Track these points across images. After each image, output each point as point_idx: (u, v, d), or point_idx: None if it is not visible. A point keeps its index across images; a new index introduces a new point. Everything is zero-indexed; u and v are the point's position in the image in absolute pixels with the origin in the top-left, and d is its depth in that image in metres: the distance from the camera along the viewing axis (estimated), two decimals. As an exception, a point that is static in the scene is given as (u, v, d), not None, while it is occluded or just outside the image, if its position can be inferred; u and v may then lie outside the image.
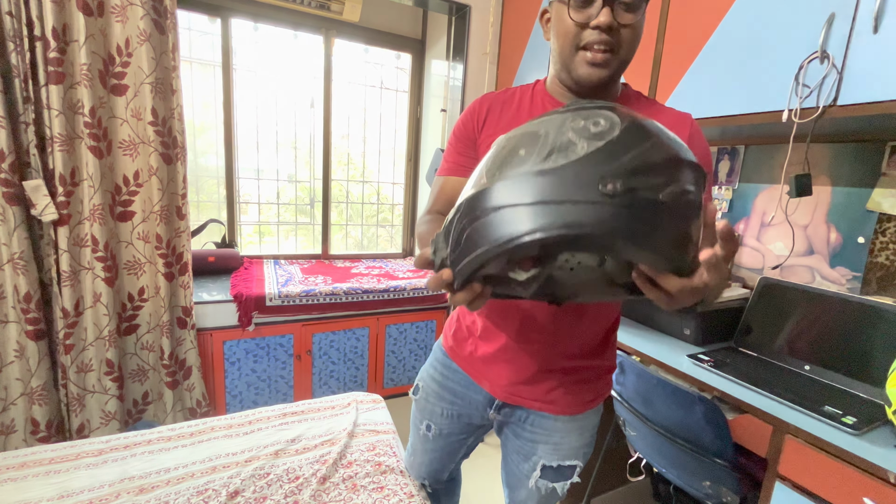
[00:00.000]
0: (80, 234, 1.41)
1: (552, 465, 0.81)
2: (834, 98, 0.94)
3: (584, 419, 0.82)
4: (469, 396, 0.86)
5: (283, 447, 1.11)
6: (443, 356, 0.90)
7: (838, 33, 0.93)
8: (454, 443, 0.94)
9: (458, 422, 0.90)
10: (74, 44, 1.32)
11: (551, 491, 0.83)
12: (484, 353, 0.80)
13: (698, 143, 0.70)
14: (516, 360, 0.77)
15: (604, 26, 0.61)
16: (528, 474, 0.83)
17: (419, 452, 1.00)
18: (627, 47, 0.64)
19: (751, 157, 1.46)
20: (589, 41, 0.63)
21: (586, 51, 0.64)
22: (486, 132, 0.75)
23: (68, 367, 1.43)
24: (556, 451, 0.81)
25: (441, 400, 0.89)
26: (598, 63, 0.63)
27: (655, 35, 1.35)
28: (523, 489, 0.87)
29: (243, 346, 1.71)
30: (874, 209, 1.16)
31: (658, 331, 1.39)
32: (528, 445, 0.83)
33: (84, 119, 1.35)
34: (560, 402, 0.78)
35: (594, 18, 0.61)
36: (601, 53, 0.63)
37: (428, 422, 0.92)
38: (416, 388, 0.95)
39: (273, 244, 2.39)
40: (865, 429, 0.85)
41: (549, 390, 0.78)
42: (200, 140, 2.11)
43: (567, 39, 0.64)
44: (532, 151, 0.43)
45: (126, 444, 1.10)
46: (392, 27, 2.37)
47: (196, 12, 1.95)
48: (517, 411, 0.82)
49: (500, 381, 0.80)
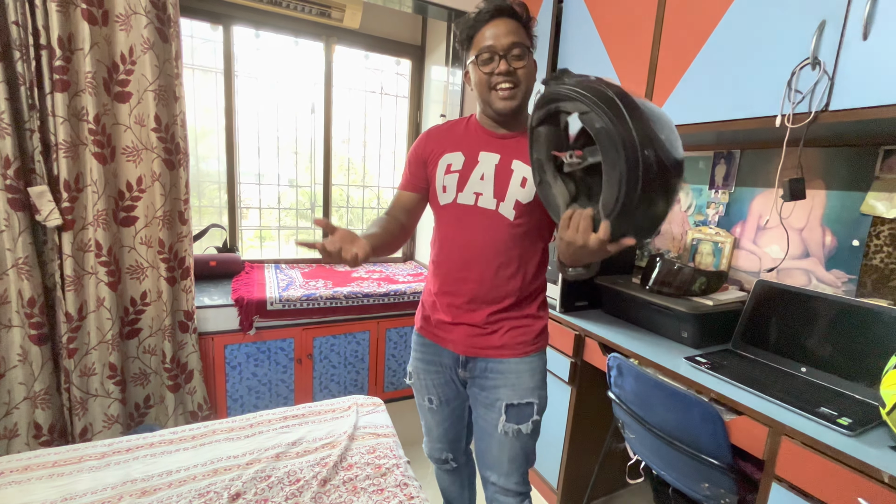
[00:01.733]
0: (83, 239, 1.43)
1: (513, 402, 1.00)
2: (826, 103, 0.96)
3: (532, 361, 1.02)
4: (442, 361, 1.08)
5: (284, 450, 1.12)
6: (418, 337, 1.13)
7: (829, 40, 0.95)
8: (457, 407, 1.15)
9: (449, 388, 1.11)
10: (79, 52, 1.34)
11: (517, 433, 1.01)
12: (441, 320, 1.04)
13: None
14: (465, 322, 1.00)
15: (504, 72, 0.89)
16: (496, 422, 1.01)
17: (433, 427, 1.18)
18: (525, 81, 0.92)
19: (746, 162, 1.48)
20: (496, 83, 0.90)
21: (496, 90, 0.91)
22: (433, 156, 1.02)
23: (71, 370, 1.44)
24: (514, 390, 1.00)
25: (429, 373, 1.11)
26: (506, 97, 0.91)
27: (651, 42, 1.37)
28: (495, 442, 1.03)
29: (244, 350, 1.72)
30: (868, 212, 1.17)
31: (656, 333, 1.40)
32: (492, 393, 1.01)
33: (88, 126, 1.37)
34: (509, 346, 1.00)
35: (497, 69, 0.89)
36: (507, 90, 0.90)
37: (428, 395, 1.13)
38: (410, 375, 1.17)
39: (274, 248, 2.40)
40: (860, 430, 0.86)
41: (497, 338, 0.99)
42: (202, 145, 2.13)
43: (483, 86, 0.92)
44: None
45: (128, 447, 1.11)
46: (392, 34, 2.40)
47: (198, 20, 1.98)
48: (478, 363, 1.02)
49: (458, 340, 1.02)
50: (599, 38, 1.55)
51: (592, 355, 1.41)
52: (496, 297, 0.98)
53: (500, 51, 0.88)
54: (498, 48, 0.88)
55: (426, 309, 1.10)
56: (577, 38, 1.66)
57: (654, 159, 0.62)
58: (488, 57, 0.89)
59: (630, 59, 1.45)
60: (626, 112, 0.63)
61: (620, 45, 1.48)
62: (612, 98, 0.64)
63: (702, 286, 1.33)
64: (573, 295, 1.57)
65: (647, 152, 0.61)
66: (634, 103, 0.64)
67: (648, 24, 1.38)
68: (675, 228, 1.72)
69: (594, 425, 1.54)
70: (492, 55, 0.89)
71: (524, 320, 1.01)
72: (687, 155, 1.66)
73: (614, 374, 1.26)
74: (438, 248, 1.05)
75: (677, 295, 1.34)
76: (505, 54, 0.88)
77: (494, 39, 0.88)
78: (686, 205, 1.68)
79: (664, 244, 1.76)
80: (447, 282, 1.02)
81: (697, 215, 1.64)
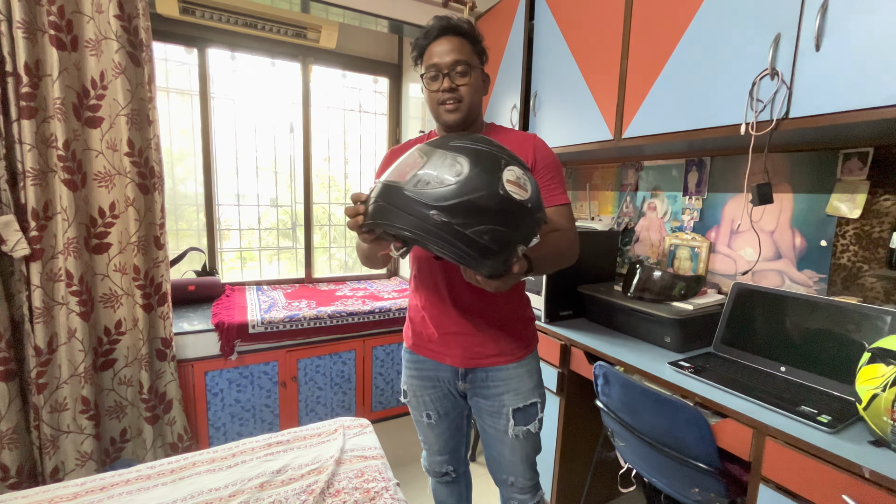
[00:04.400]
0: (53, 269, 1.38)
1: (518, 406, 1.03)
2: (786, 112, 1.00)
3: (528, 363, 1.05)
4: (440, 376, 1.08)
5: (269, 479, 1.08)
6: (409, 355, 1.12)
7: (785, 52, 1.00)
8: (456, 418, 1.16)
9: (447, 400, 1.12)
10: (48, 78, 1.32)
11: (527, 434, 1.05)
12: (434, 335, 1.04)
13: (542, 153, 1.00)
14: (461, 333, 1.01)
15: (447, 89, 0.94)
16: (505, 427, 1.04)
17: (433, 441, 1.18)
18: (469, 97, 0.95)
19: (717, 168, 1.53)
20: (443, 99, 0.95)
21: (443, 105, 0.96)
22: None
23: (41, 407, 1.37)
24: (517, 394, 1.03)
25: (425, 389, 1.11)
26: (451, 111, 0.95)
27: (619, 57, 1.42)
28: (506, 448, 1.06)
29: (226, 375, 1.67)
30: (833, 213, 1.22)
31: (640, 339, 1.42)
32: (497, 400, 1.04)
33: (58, 152, 1.34)
34: (506, 353, 1.02)
35: (441, 86, 0.94)
36: (451, 105, 0.95)
37: (426, 411, 1.13)
38: (405, 393, 1.16)
39: (255, 270, 2.36)
40: (840, 427, 0.88)
41: (494, 346, 1.01)
42: (179, 167, 2.10)
43: (432, 101, 0.98)
44: (411, 173, 0.69)
45: (102, 485, 1.05)
46: (368, 53, 2.43)
47: (173, 44, 1.97)
48: (478, 373, 1.04)
49: (456, 353, 1.03)
50: (571, 54, 1.60)
51: (579, 364, 1.41)
52: (482, 306, 1.00)
53: (444, 69, 0.93)
54: (442, 66, 0.93)
55: (416, 324, 1.09)
56: (550, 55, 1.70)
57: (441, 219, 0.65)
58: (434, 75, 0.94)
59: (601, 74, 1.49)
60: (395, 208, 0.68)
61: (591, 60, 1.53)
62: (386, 206, 0.70)
63: (681, 291, 1.36)
64: (558, 304, 1.58)
65: (433, 221, 0.65)
66: (395, 195, 0.69)
67: (616, 41, 1.43)
68: (654, 235, 1.75)
69: (584, 435, 1.54)
70: (437, 73, 0.94)
71: (514, 324, 1.04)
72: (660, 163, 1.73)
73: (601, 382, 1.26)
74: (417, 265, 1.07)
75: (658, 300, 1.36)
76: (449, 72, 0.93)
77: (439, 57, 0.93)
78: (662, 211, 1.72)
79: (643, 251, 1.80)
80: (431, 296, 1.03)
81: (674, 221, 1.68)
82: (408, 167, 0.70)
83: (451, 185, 0.66)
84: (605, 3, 1.46)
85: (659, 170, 1.73)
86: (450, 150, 0.70)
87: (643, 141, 1.37)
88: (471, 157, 0.68)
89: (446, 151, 0.70)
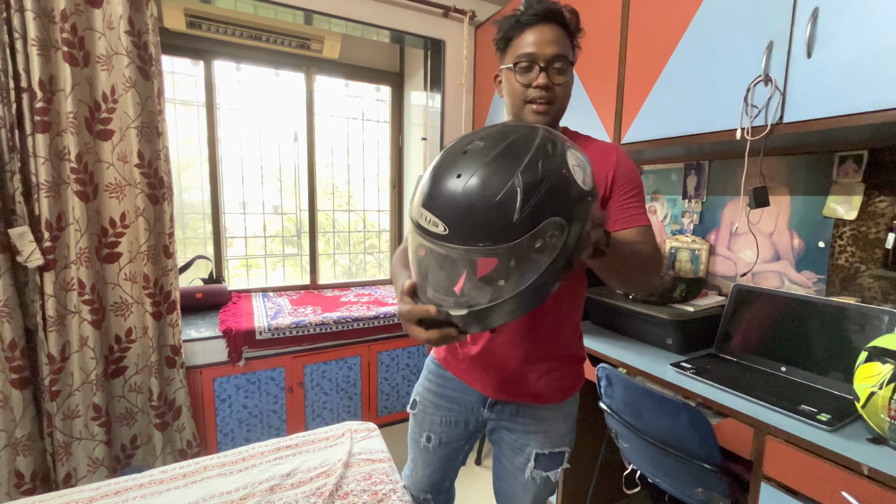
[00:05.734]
0: (66, 279, 1.41)
1: (545, 452, 0.91)
2: (780, 117, 1.02)
3: (567, 406, 0.93)
4: (464, 400, 0.96)
5: (279, 482, 1.10)
6: (436, 367, 1.00)
7: (778, 59, 1.03)
8: (453, 450, 1.03)
9: (456, 428, 0.99)
10: (61, 93, 1.36)
11: (545, 480, 0.92)
12: (474, 357, 0.90)
13: (625, 167, 0.85)
14: (502, 360, 0.88)
15: (542, 86, 0.79)
16: (523, 466, 0.91)
17: (420, 466, 1.06)
18: (561, 100, 0.82)
19: (715, 172, 1.55)
20: (533, 97, 0.80)
21: (532, 104, 0.81)
22: None
23: (54, 414, 1.40)
24: (547, 438, 0.91)
25: (438, 409, 0.99)
26: (541, 112, 0.81)
27: (617, 65, 1.45)
28: (518, 484, 0.94)
29: (234, 381, 1.69)
30: (830, 215, 1.24)
31: (642, 342, 1.43)
32: (522, 438, 0.91)
33: (70, 165, 1.38)
34: (545, 393, 0.89)
35: (535, 80, 0.79)
36: (543, 105, 0.80)
37: (428, 433, 1.01)
38: (414, 403, 1.04)
39: (261, 277, 2.39)
40: (839, 425, 0.89)
41: (534, 383, 0.88)
42: (185, 176, 2.13)
43: (517, 97, 0.82)
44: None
45: (117, 489, 1.08)
46: (371, 62, 2.47)
47: (180, 56, 2.01)
48: (508, 406, 0.92)
49: (490, 381, 0.90)
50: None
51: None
52: (531, 336, 0.87)
53: (542, 61, 0.78)
54: (539, 57, 0.78)
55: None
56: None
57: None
58: (527, 65, 0.79)
59: (600, 81, 1.52)
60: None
61: (589, 67, 1.56)
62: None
63: (682, 293, 1.38)
64: (560, 308, 1.60)
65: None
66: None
67: (613, 48, 1.46)
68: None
69: (588, 437, 1.55)
70: (531, 64, 0.79)
71: (562, 361, 0.91)
72: (660, 167, 1.75)
73: (604, 384, 1.28)
74: None
75: (660, 303, 1.38)
76: (546, 66, 0.78)
77: (537, 47, 0.78)
78: (662, 215, 1.74)
79: (645, 254, 1.82)
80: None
81: (674, 224, 1.70)
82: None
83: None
84: (603, 11, 1.49)
85: (658, 174, 1.76)
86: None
87: (642, 146, 1.39)
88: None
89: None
